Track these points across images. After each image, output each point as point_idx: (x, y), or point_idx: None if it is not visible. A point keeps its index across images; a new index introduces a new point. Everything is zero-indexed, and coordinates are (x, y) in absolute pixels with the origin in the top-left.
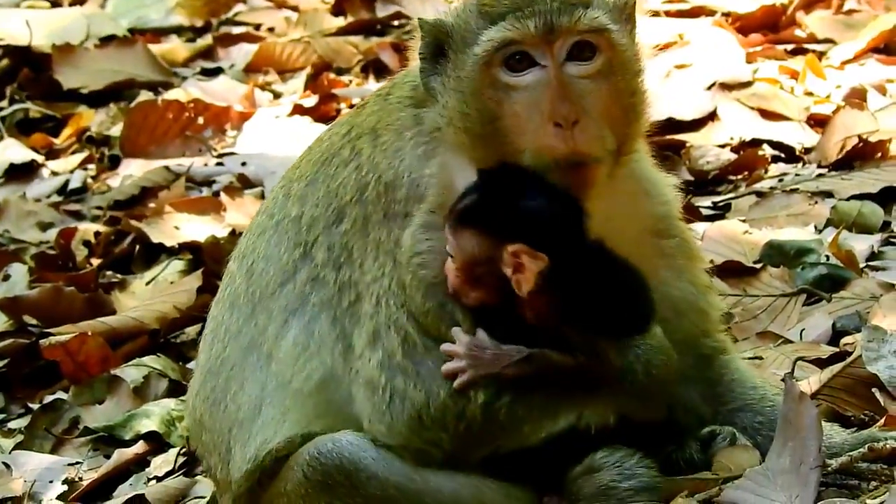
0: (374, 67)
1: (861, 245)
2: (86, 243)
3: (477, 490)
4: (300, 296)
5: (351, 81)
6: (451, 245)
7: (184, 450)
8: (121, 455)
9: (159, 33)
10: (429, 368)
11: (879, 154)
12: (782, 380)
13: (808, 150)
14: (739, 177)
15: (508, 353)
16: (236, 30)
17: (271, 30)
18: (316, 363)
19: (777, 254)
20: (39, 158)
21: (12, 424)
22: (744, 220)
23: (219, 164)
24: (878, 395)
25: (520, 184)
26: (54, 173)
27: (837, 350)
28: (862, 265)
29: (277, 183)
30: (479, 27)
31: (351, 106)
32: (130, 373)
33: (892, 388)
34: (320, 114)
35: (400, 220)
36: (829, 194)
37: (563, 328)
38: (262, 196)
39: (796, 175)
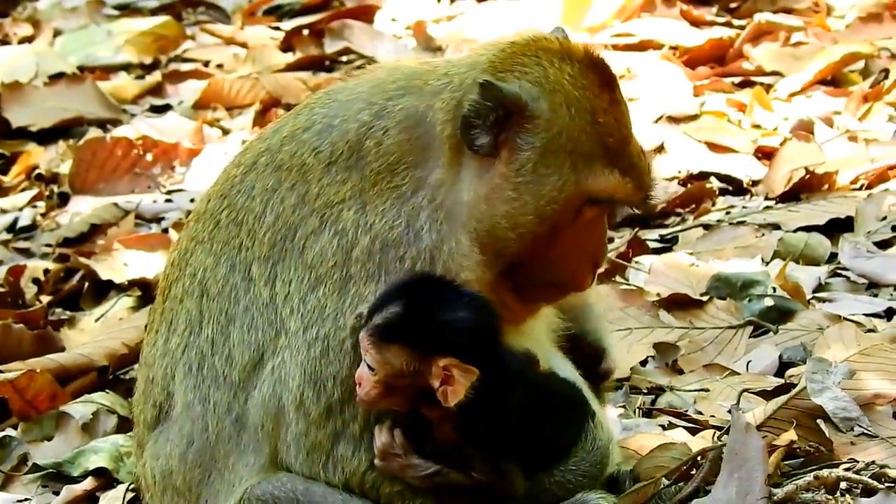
0: None
1: (808, 277)
2: (35, 280)
3: None
4: (271, 367)
5: None
6: (373, 358)
7: (132, 486)
8: (70, 492)
9: (108, 70)
10: (369, 440)
11: (826, 186)
12: (728, 411)
13: (755, 183)
14: (687, 209)
15: (417, 465)
16: (185, 66)
17: (220, 66)
18: (271, 426)
19: (724, 286)
20: None
21: None
22: (691, 253)
23: (168, 200)
24: (822, 426)
25: (438, 294)
26: (3, 211)
27: (783, 382)
28: (808, 297)
29: (212, 260)
30: (595, 154)
31: None
32: (79, 409)
33: (836, 420)
34: None
35: (398, 275)
36: (776, 226)
37: (467, 449)
38: None
39: (744, 207)
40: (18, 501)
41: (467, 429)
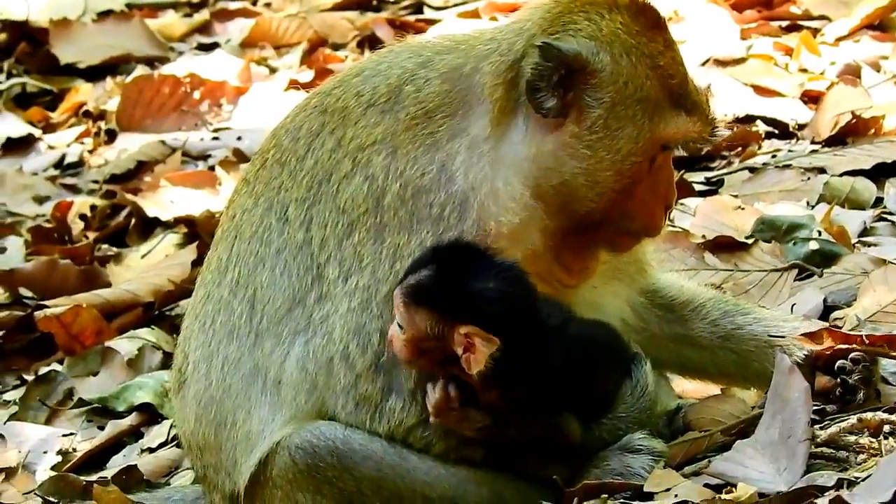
0: (370, 43)
1: (853, 221)
2: (82, 217)
3: (474, 471)
4: (307, 316)
5: (346, 57)
6: (402, 317)
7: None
8: (114, 426)
9: (156, 8)
10: (421, 397)
11: (872, 130)
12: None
13: (801, 127)
14: (733, 152)
15: (472, 417)
16: (233, 5)
17: (268, 5)
18: (310, 379)
19: (769, 229)
20: (36, 132)
21: (7, 396)
22: (736, 196)
23: (214, 138)
24: None
25: (472, 262)
26: (51, 147)
27: (828, 325)
28: (854, 241)
29: (251, 201)
30: (661, 98)
31: None
32: (124, 345)
33: (886, 374)
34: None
35: (430, 224)
36: (821, 170)
37: (513, 409)
38: None
39: (789, 151)
40: (63, 436)
41: (510, 394)
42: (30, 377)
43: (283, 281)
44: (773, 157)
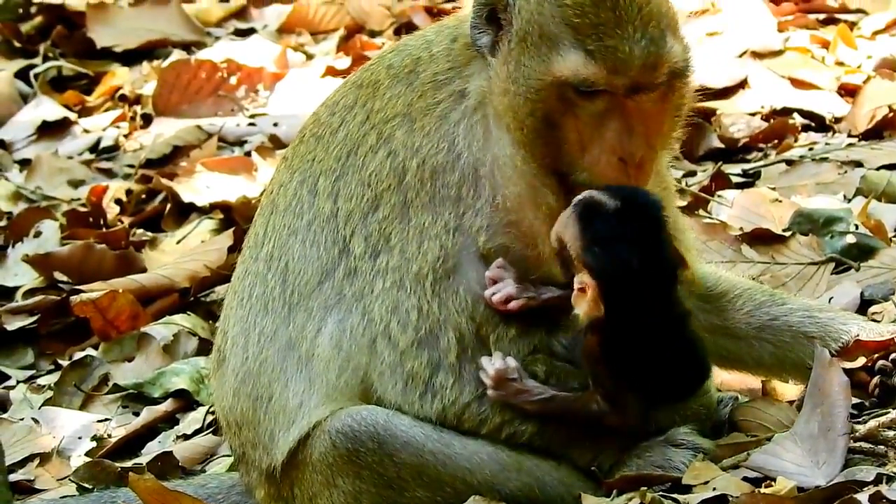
0: (407, 29)
1: (890, 214)
2: (117, 201)
3: (515, 457)
4: (338, 291)
5: (383, 44)
6: (562, 217)
7: (213, 408)
8: (150, 412)
9: None
10: (469, 371)
11: None
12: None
13: (838, 120)
14: (769, 145)
15: (532, 389)
16: None
17: None
18: (348, 357)
19: (806, 222)
20: (72, 116)
21: (42, 381)
22: (773, 188)
23: (251, 124)
24: None
25: (645, 227)
26: (87, 131)
27: (866, 319)
28: (891, 234)
29: (288, 175)
30: (562, 36)
31: None
32: (160, 330)
33: None
34: None
35: (450, 204)
36: (858, 164)
37: (599, 367)
38: None
39: (826, 144)
40: (99, 421)
41: (610, 346)
42: (65, 362)
43: (313, 253)
44: (810, 149)
